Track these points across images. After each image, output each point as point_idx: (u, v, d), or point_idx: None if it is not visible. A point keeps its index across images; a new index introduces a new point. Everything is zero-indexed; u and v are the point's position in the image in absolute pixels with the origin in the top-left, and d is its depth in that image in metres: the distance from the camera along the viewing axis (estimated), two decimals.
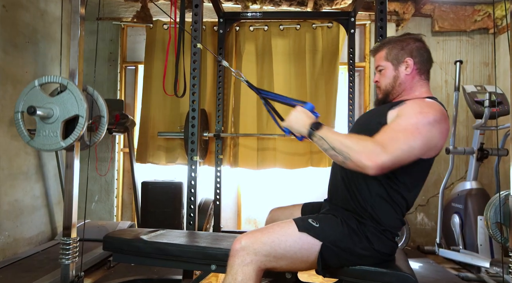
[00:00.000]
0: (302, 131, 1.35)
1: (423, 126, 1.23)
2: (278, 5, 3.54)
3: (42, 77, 1.52)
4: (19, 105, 1.51)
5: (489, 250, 2.74)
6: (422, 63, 1.43)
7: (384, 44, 1.49)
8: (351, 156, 1.20)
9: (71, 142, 1.48)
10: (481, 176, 3.33)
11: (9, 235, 2.82)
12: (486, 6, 3.55)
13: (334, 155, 1.24)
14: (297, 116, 1.38)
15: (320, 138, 1.28)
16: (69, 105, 1.49)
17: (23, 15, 3.00)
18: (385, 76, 1.46)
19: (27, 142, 1.51)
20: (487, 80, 3.68)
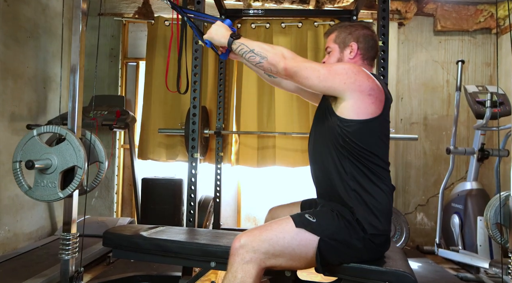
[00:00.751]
0: (223, 41, 1.46)
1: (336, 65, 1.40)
2: (280, 2, 3.53)
3: (41, 127, 1.52)
4: (18, 155, 1.51)
5: (489, 251, 2.74)
6: (366, 50, 1.50)
7: (336, 28, 1.56)
8: (268, 56, 1.36)
9: (69, 192, 1.50)
10: (482, 176, 3.33)
11: (9, 230, 2.82)
12: (489, 6, 3.54)
13: (252, 56, 1.39)
14: (217, 29, 1.48)
15: (240, 44, 1.42)
16: (68, 156, 1.49)
17: (24, 10, 2.99)
18: (331, 58, 1.54)
19: (25, 192, 1.51)
20: (489, 80, 3.67)
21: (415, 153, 3.69)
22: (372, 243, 1.32)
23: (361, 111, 1.34)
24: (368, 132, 1.36)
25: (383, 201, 1.36)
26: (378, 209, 1.34)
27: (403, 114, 3.70)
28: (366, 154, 1.36)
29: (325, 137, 1.44)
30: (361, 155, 1.36)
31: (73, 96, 1.58)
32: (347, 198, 1.36)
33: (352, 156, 1.36)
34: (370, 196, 1.35)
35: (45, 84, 3.27)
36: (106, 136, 3.64)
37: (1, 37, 2.74)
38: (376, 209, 1.34)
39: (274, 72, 1.39)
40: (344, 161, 1.37)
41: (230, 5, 3.54)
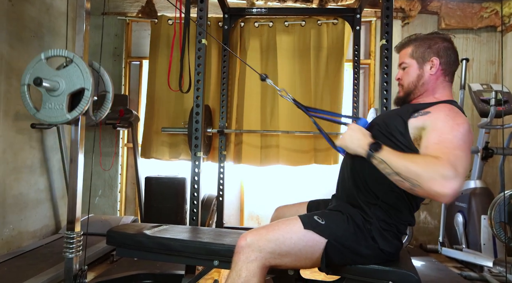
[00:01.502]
0: (360, 152, 1.27)
1: (467, 139, 1.20)
2: (284, 1, 3.52)
3: (48, 51, 1.52)
4: (25, 78, 1.51)
5: (493, 250, 2.73)
6: (448, 64, 1.40)
7: (411, 41, 1.45)
8: (421, 184, 1.09)
9: (76, 114, 1.48)
10: (486, 175, 3.31)
11: (14, 228, 2.84)
12: (494, 3, 3.51)
13: (399, 180, 1.15)
14: (352, 135, 1.31)
15: (381, 161, 1.20)
16: (75, 78, 1.48)
17: (28, 9, 3.00)
18: (409, 74, 1.43)
19: (33, 114, 1.51)
20: (494, 78, 3.64)
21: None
22: (381, 253, 1.31)
23: None
24: None
25: (405, 219, 1.35)
26: (398, 227, 1.33)
27: None
28: None
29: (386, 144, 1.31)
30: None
31: None
32: (367, 208, 1.34)
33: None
34: (393, 215, 1.33)
35: None
36: (109, 135, 3.65)
37: (5, 37, 2.75)
38: (397, 227, 1.33)
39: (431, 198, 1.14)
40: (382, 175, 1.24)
41: (233, 4, 3.54)
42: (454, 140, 1.17)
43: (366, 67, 3.70)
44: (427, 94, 1.42)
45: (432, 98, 1.41)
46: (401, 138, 1.30)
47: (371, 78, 3.65)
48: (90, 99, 1.49)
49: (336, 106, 3.37)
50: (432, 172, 1.08)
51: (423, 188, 1.09)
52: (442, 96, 1.41)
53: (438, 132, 1.21)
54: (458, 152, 1.14)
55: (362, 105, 3.66)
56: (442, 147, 1.16)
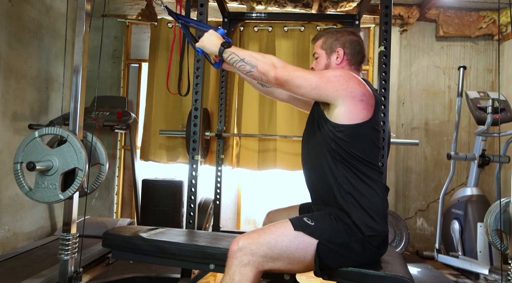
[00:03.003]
0: (213, 50, 1.49)
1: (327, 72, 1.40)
2: (283, 6, 3.54)
3: (42, 129, 1.52)
4: (19, 156, 1.51)
5: (489, 257, 2.73)
6: (353, 55, 1.53)
7: (323, 34, 1.59)
8: (258, 65, 1.39)
9: (69, 194, 1.50)
10: (482, 182, 3.32)
11: (9, 229, 2.83)
12: (491, 12, 3.54)
13: (243, 65, 1.41)
14: (209, 37, 1.51)
15: (230, 53, 1.44)
16: (69, 158, 1.50)
17: (28, 10, 3.01)
18: (319, 64, 1.56)
19: (26, 193, 1.52)
20: (491, 86, 3.67)
21: (416, 158, 3.69)
22: (370, 244, 1.33)
23: (353, 116, 1.37)
24: (359, 136, 1.38)
25: (378, 202, 1.37)
26: (374, 210, 1.35)
27: (404, 119, 3.70)
28: (358, 157, 1.38)
29: (317, 143, 1.46)
30: (353, 158, 1.38)
31: (75, 97, 1.59)
32: (342, 202, 1.37)
33: (344, 160, 1.38)
34: (364, 198, 1.36)
35: (47, 84, 3.28)
36: (107, 137, 3.65)
37: (5, 37, 2.75)
38: (372, 210, 1.35)
39: (265, 81, 1.42)
40: (337, 165, 1.39)
41: (233, 8, 3.55)
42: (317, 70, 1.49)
43: (365, 73, 3.71)
44: None
45: None
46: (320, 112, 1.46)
47: None
48: (84, 178, 1.50)
49: None
50: (268, 59, 1.40)
51: (258, 68, 1.39)
52: None
53: None
54: (302, 69, 1.41)
55: None
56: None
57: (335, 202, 1.39)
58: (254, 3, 3.53)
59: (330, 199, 1.42)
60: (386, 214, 1.41)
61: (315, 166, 1.47)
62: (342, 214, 1.36)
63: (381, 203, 1.38)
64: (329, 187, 1.41)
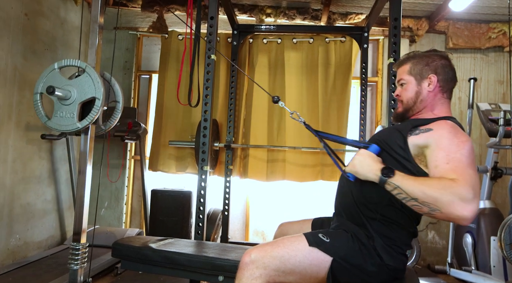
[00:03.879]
0: (371, 177, 1.23)
1: (473, 157, 1.18)
2: (292, 18, 3.58)
3: (61, 60, 1.56)
4: (39, 87, 1.55)
5: (503, 272, 2.66)
6: (446, 81, 1.41)
7: (409, 58, 1.47)
8: (441, 208, 1.06)
9: (87, 123, 1.51)
10: (495, 195, 3.26)
11: (20, 238, 2.85)
12: (501, 24, 3.53)
13: (417, 205, 1.11)
14: (362, 161, 1.27)
15: (395, 187, 1.16)
16: (87, 88, 1.52)
17: (43, 23, 3.08)
18: (407, 91, 1.44)
19: (45, 122, 1.54)
20: (502, 98, 3.63)
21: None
22: (387, 269, 1.29)
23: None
24: None
25: (405, 238, 1.34)
26: (400, 243, 1.32)
27: None
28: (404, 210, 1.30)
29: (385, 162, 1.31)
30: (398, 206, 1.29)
31: None
32: (367, 224, 1.33)
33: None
34: (394, 230, 1.32)
35: None
36: (117, 147, 3.68)
37: (20, 50, 2.82)
38: (398, 243, 1.32)
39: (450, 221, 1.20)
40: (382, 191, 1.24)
41: (243, 21, 3.60)
42: (463, 159, 1.15)
43: (374, 85, 3.71)
44: (426, 111, 1.42)
45: (431, 114, 1.41)
46: (401, 152, 1.29)
47: (378, 95, 3.66)
48: (101, 109, 1.52)
49: (342, 123, 3.37)
50: (451, 195, 1.05)
51: (443, 212, 1.06)
52: (440, 113, 1.41)
53: (446, 151, 1.18)
54: (470, 171, 1.12)
55: (370, 122, 3.66)
56: (454, 167, 1.13)
57: (360, 220, 1.35)
58: (263, 16, 3.57)
59: (355, 214, 1.36)
60: (411, 243, 1.37)
61: (361, 181, 1.31)
62: (361, 233, 1.32)
63: (408, 242, 1.34)
64: (361, 204, 1.35)
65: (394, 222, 1.32)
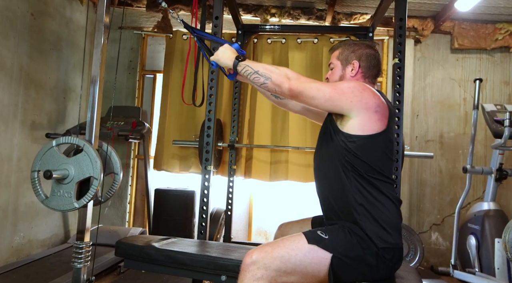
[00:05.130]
0: (228, 63, 1.51)
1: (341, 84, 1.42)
2: (297, 19, 3.57)
3: (60, 138, 1.57)
4: (36, 164, 1.55)
5: (507, 274, 2.65)
6: (368, 68, 1.54)
7: (340, 45, 1.60)
8: (272, 77, 1.40)
9: (84, 203, 1.53)
10: (500, 196, 3.24)
11: (24, 236, 2.87)
12: (508, 24, 3.51)
13: (257, 77, 1.43)
14: (224, 51, 1.53)
15: (245, 66, 1.46)
16: (84, 167, 1.53)
17: (49, 23, 3.10)
18: (334, 74, 1.58)
19: (42, 201, 1.55)
20: (507, 99, 3.61)
21: (431, 171, 3.63)
22: (384, 257, 1.30)
23: (366, 127, 1.37)
24: (372, 147, 1.38)
25: (391, 214, 1.35)
26: (386, 222, 1.33)
27: (418, 132, 3.66)
28: (371, 168, 1.37)
29: (330, 154, 1.45)
30: (365, 169, 1.37)
31: (92, 107, 1.63)
32: (354, 213, 1.35)
33: (357, 171, 1.37)
34: (376, 209, 1.34)
35: (65, 94, 3.36)
36: (121, 147, 3.70)
37: (26, 49, 2.84)
38: (384, 222, 1.33)
39: (279, 93, 1.43)
40: (349, 176, 1.38)
41: (247, 21, 3.60)
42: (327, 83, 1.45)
43: (378, 85, 3.70)
44: None
45: None
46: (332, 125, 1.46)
47: None
48: (98, 187, 1.53)
49: None
50: (282, 71, 1.41)
51: (272, 80, 1.40)
52: None
53: None
54: (316, 81, 1.40)
55: None
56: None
57: (347, 214, 1.38)
58: (267, 16, 3.57)
59: (341, 210, 1.40)
60: (400, 227, 1.38)
61: (327, 177, 1.46)
62: (355, 227, 1.34)
63: (394, 215, 1.36)
64: (341, 198, 1.40)
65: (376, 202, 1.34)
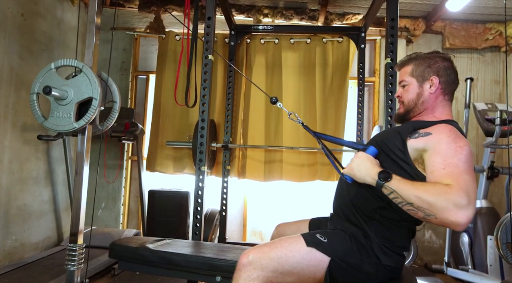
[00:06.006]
0: (368, 181, 1.24)
1: (470, 162, 1.19)
2: (289, 19, 3.58)
3: (58, 60, 1.55)
4: (35, 86, 1.54)
5: (500, 271, 2.68)
6: (448, 84, 1.41)
7: (411, 60, 1.46)
8: (436, 214, 1.08)
9: (83, 123, 1.50)
10: (491, 194, 3.28)
11: (16, 239, 2.84)
12: (498, 24, 3.55)
13: (412, 210, 1.13)
14: (360, 164, 1.28)
15: (392, 191, 1.17)
16: (83, 88, 1.51)
17: (40, 24, 3.07)
18: (409, 92, 1.43)
19: (41, 122, 1.53)
20: (498, 98, 3.65)
21: None
22: (384, 269, 1.29)
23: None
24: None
25: (403, 240, 1.34)
26: (397, 244, 1.32)
27: None
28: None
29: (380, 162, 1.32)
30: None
31: None
32: (365, 225, 1.32)
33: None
34: (391, 232, 1.31)
35: None
36: (114, 148, 3.67)
37: (17, 50, 2.81)
38: (395, 243, 1.32)
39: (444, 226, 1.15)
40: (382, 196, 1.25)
41: (240, 21, 3.60)
42: (460, 165, 1.15)
43: (371, 85, 3.72)
44: (427, 113, 1.42)
45: (431, 117, 1.40)
46: (400, 154, 1.29)
47: (375, 95, 3.67)
48: (98, 108, 1.51)
49: (339, 123, 3.38)
50: (446, 201, 1.07)
51: (438, 218, 1.08)
52: (441, 115, 1.40)
53: (443, 156, 1.19)
54: (466, 177, 1.12)
55: (367, 122, 3.67)
56: (450, 172, 1.14)
57: (358, 220, 1.34)
58: (260, 16, 3.58)
59: (354, 214, 1.36)
60: (407, 249, 1.37)
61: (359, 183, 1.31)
62: (358, 233, 1.32)
63: (406, 243, 1.34)
64: (362, 205, 1.34)
65: (393, 223, 1.31)
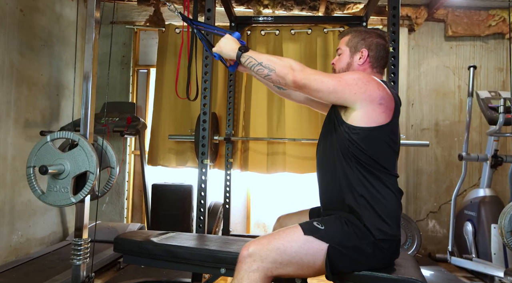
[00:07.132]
0: (231, 54, 1.48)
1: (346, 75, 1.38)
2: (290, 9, 3.55)
3: (54, 133, 1.55)
4: (31, 160, 1.54)
5: (503, 259, 2.68)
6: (376, 59, 1.50)
7: (351, 31, 1.56)
8: (276, 68, 1.38)
9: (81, 197, 1.52)
10: (495, 183, 3.27)
11: (22, 235, 2.86)
12: (501, 11, 3.50)
13: (261, 69, 1.41)
14: (226, 42, 1.50)
15: (248, 57, 1.44)
16: (80, 162, 1.51)
17: (39, 19, 3.06)
18: (341, 61, 1.54)
19: (38, 197, 1.54)
20: (502, 86, 3.62)
21: (426, 159, 3.65)
22: (381, 248, 1.31)
23: (370, 119, 1.35)
24: (376, 140, 1.36)
25: (391, 205, 1.35)
26: (386, 213, 1.33)
27: (413, 120, 3.67)
28: (374, 161, 1.36)
29: (334, 144, 1.43)
30: (368, 161, 1.36)
31: (85, 103, 1.61)
32: (354, 204, 1.35)
33: (359, 163, 1.36)
34: (377, 201, 1.34)
35: (58, 91, 3.33)
36: (117, 143, 3.68)
37: (17, 46, 2.80)
38: (384, 213, 1.33)
39: (283, 85, 1.41)
40: (351, 167, 1.37)
41: (240, 13, 3.57)
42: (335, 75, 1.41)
43: None
44: None
45: None
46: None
47: None
48: (94, 181, 1.51)
49: None
50: (286, 62, 1.40)
51: (276, 72, 1.38)
52: None
53: None
54: (320, 72, 1.39)
55: None
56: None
57: (347, 204, 1.38)
58: (260, 7, 3.54)
59: (341, 200, 1.40)
60: (399, 218, 1.38)
61: (330, 167, 1.45)
62: (352, 217, 1.35)
63: (394, 207, 1.36)
64: (342, 189, 1.39)
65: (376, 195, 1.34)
